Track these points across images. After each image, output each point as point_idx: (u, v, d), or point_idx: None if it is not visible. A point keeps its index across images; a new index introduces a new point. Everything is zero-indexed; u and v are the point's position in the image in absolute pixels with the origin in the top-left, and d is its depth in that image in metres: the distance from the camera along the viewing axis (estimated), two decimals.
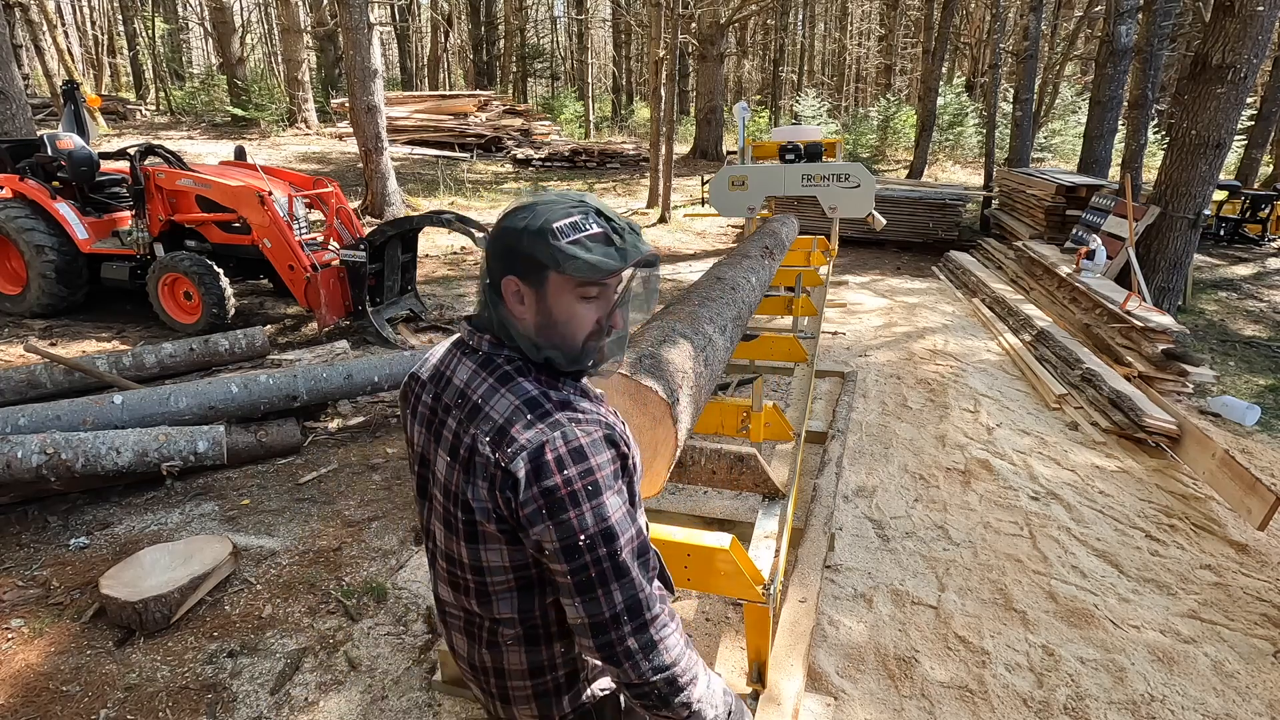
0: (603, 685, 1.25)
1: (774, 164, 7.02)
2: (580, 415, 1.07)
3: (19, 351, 5.45)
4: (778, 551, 2.19)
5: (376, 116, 9.70)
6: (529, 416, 1.05)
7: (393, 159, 10.69)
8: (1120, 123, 12.03)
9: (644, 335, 2.31)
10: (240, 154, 6.95)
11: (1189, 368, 5.30)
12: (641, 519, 1.11)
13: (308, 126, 16.81)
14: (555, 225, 1.06)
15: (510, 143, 16.83)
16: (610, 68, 33.44)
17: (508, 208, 1.15)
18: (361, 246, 5.84)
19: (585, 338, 1.11)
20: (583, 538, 1.01)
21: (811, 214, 9.31)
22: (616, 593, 1.03)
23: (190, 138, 15.02)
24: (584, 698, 1.23)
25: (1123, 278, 7.16)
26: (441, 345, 1.27)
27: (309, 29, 18.24)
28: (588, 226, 1.07)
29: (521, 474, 1.01)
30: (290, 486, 3.79)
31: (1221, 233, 10.58)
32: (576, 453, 1.02)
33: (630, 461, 1.11)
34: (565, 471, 1.01)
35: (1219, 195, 10.31)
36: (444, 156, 15.56)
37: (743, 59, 31.91)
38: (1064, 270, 7.34)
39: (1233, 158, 12.93)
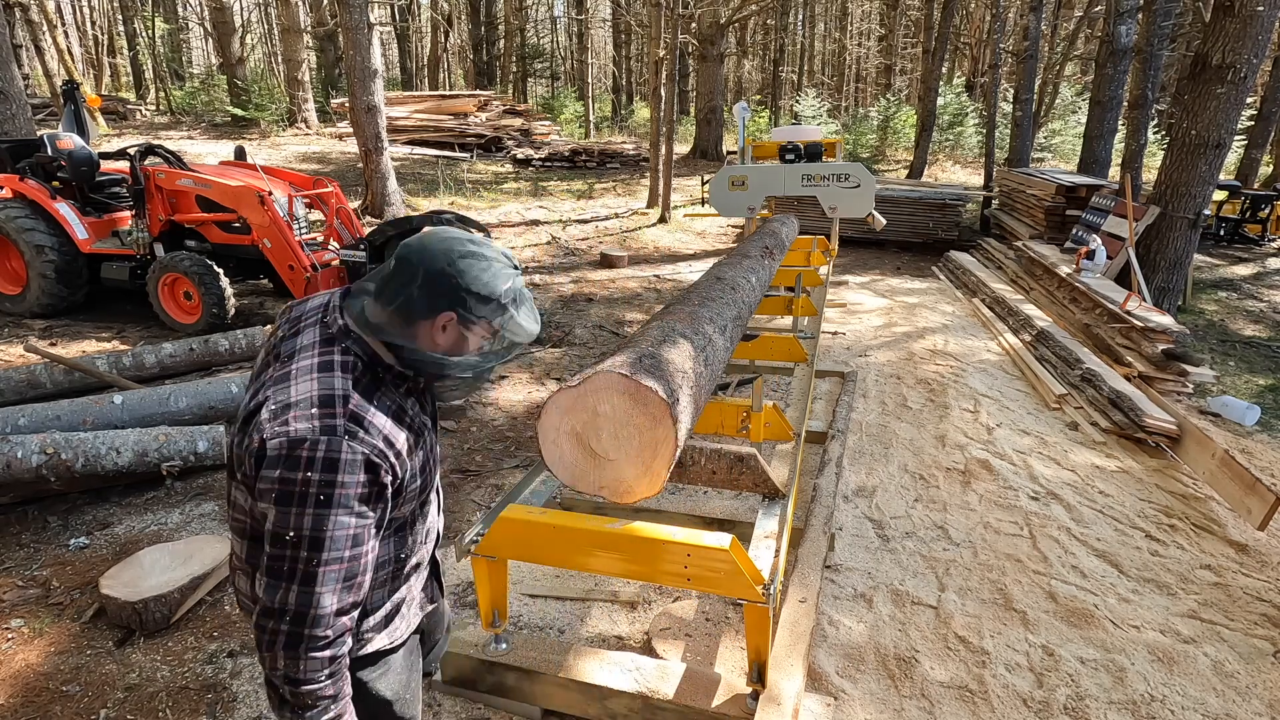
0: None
1: (774, 164, 7.01)
2: (360, 432, 1.10)
3: (19, 351, 5.45)
4: (778, 551, 2.19)
5: (376, 116, 9.69)
6: (314, 410, 1.08)
7: (393, 159, 10.68)
8: (1120, 123, 12.02)
9: (644, 335, 2.30)
10: (240, 154, 6.94)
11: (1189, 368, 5.30)
12: (372, 547, 1.14)
13: (308, 126, 16.79)
14: (505, 288, 1.14)
15: (510, 143, 16.81)
16: (610, 68, 33.40)
17: (439, 233, 1.15)
18: (361, 246, 5.84)
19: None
20: (291, 534, 1.07)
21: (811, 214, 9.31)
22: (293, 593, 1.08)
23: (190, 138, 15.01)
24: None
25: (1123, 278, 7.16)
26: (335, 292, 1.29)
27: (309, 29, 18.23)
28: (526, 297, 1.19)
29: (272, 454, 1.06)
30: None
31: (1221, 233, 10.57)
32: (329, 463, 1.06)
33: (387, 491, 1.14)
34: (309, 474, 1.05)
35: (1219, 195, 10.30)
36: (444, 156, 15.54)
37: (743, 59, 31.89)
38: (1064, 270, 7.33)
39: (1233, 158, 12.92)
